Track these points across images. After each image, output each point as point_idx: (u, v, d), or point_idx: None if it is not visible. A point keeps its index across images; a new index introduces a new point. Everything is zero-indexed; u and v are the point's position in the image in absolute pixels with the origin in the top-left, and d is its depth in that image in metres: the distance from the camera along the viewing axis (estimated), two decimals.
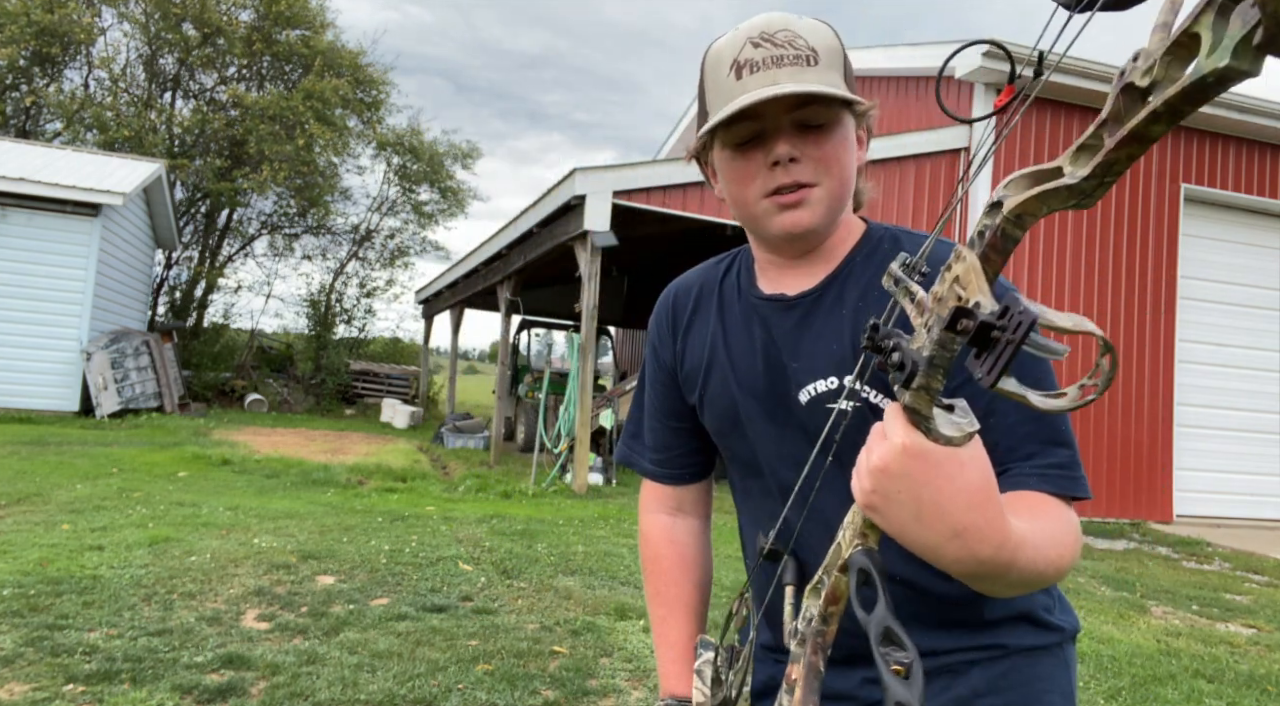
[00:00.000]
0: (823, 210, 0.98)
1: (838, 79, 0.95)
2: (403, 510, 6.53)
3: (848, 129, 0.98)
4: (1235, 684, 3.68)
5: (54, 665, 3.02)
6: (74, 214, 11.99)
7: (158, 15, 18.64)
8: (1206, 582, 5.90)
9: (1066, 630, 1.04)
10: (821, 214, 0.98)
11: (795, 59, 0.93)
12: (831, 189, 0.98)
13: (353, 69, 20.09)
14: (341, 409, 17.78)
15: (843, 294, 1.00)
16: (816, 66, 0.93)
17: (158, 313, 18.17)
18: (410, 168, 22.05)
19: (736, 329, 1.09)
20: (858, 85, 1.02)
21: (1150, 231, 8.93)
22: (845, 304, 0.99)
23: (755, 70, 0.93)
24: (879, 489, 0.63)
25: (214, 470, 8.09)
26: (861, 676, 1.02)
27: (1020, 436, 0.89)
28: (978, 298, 0.52)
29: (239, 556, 4.65)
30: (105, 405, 11.80)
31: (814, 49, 0.94)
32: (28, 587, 3.83)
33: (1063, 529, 0.82)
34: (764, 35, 0.95)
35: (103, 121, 18.13)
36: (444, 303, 16.64)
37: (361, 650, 3.39)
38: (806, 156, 0.96)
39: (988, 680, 0.98)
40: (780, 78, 0.92)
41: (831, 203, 0.99)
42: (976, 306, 0.51)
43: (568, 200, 8.40)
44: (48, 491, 6.20)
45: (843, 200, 1.00)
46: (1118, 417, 8.67)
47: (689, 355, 1.15)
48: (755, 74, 0.93)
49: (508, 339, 11.68)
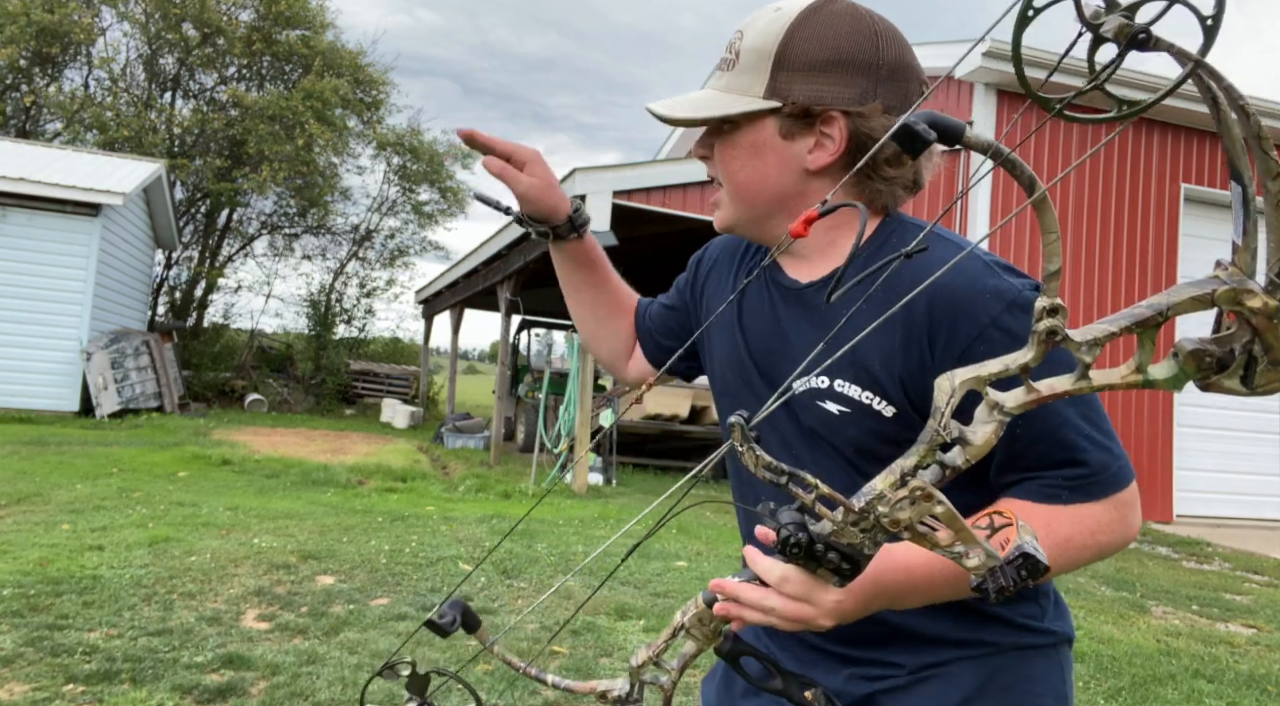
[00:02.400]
0: (731, 212, 1.03)
1: (751, 82, 0.95)
2: (403, 510, 6.52)
3: (754, 133, 0.97)
4: (1235, 684, 3.68)
5: (54, 665, 3.02)
6: (74, 214, 11.99)
7: (158, 15, 18.64)
8: (1206, 582, 5.90)
9: (1059, 634, 1.03)
10: (730, 215, 1.04)
11: (723, 64, 1.00)
12: (730, 192, 1.02)
13: (353, 69, 20.08)
14: (341, 409, 17.77)
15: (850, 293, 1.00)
16: (730, 72, 0.98)
17: (158, 313, 18.17)
18: (410, 168, 22.04)
19: (755, 300, 1.10)
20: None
21: (1150, 231, 8.93)
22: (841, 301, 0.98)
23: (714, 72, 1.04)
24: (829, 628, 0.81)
25: (214, 470, 8.09)
26: (848, 673, 1.02)
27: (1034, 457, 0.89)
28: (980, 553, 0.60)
29: (239, 556, 4.65)
30: (105, 405, 11.80)
31: (739, 52, 0.97)
32: (28, 587, 3.83)
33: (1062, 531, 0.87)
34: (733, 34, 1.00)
35: (102, 122, 18.13)
36: (444, 303, 16.64)
37: (361, 650, 3.39)
38: (715, 156, 1.02)
39: (979, 682, 0.97)
40: (708, 83, 1.01)
41: (737, 206, 1.02)
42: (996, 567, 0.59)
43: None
44: (48, 491, 6.20)
45: (750, 202, 1.01)
46: (1118, 417, 8.67)
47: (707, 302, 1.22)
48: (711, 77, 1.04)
49: (508, 339, 11.67)
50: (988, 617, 0.98)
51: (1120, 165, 8.87)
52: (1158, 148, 8.98)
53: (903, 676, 0.99)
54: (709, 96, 0.98)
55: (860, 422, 0.95)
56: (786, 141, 0.96)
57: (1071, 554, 0.88)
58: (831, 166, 0.97)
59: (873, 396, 0.94)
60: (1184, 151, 9.06)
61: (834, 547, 0.66)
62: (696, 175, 8.73)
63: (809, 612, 0.77)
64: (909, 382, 0.92)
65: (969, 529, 0.59)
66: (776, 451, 1.02)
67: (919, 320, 0.91)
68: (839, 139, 0.95)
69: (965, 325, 0.89)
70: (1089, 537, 0.88)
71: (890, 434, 0.94)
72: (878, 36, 0.96)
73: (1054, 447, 0.88)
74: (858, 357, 0.94)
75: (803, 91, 0.93)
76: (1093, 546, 0.88)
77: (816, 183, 0.98)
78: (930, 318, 0.90)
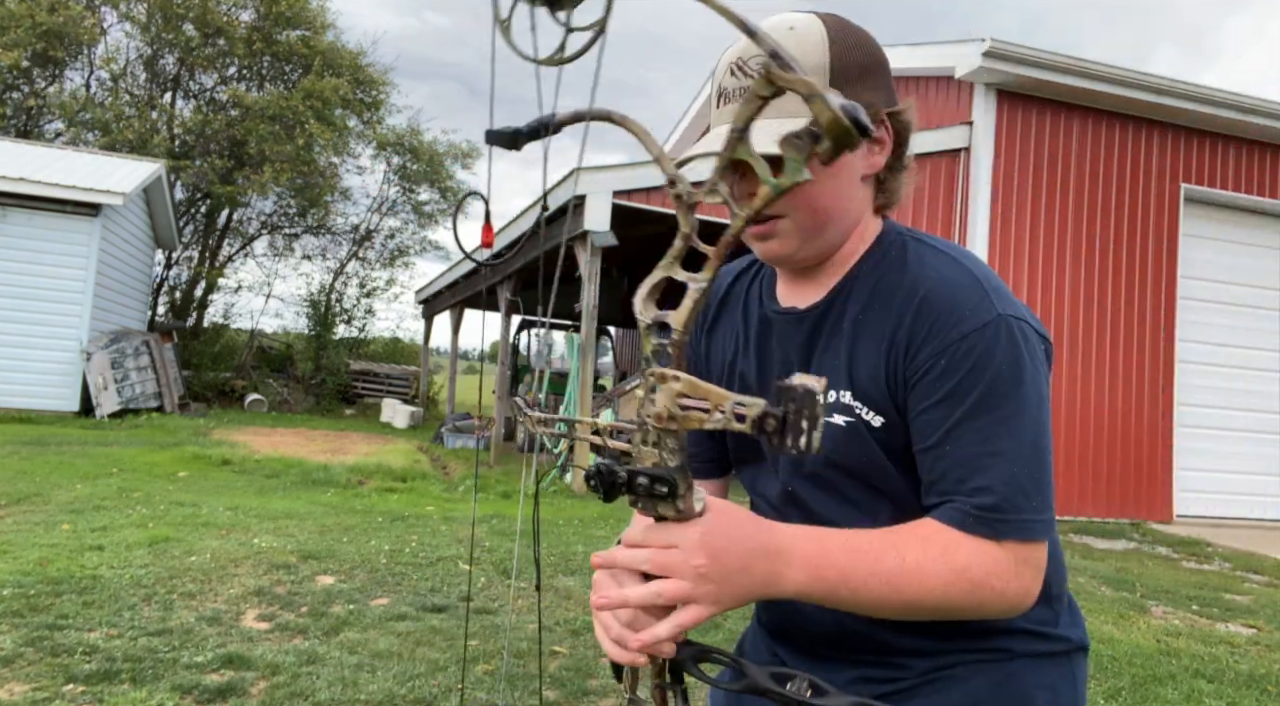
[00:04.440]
0: (794, 241, 0.97)
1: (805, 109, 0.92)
2: (403, 510, 6.52)
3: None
4: (1235, 684, 3.68)
5: (54, 665, 3.02)
6: (74, 214, 11.98)
7: (159, 16, 18.64)
8: (1206, 582, 5.90)
9: (1072, 641, 1.01)
10: (793, 245, 0.98)
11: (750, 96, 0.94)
12: (800, 221, 0.96)
13: (353, 69, 20.08)
14: (341, 409, 17.77)
15: (849, 307, 0.98)
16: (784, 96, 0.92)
17: (158, 313, 18.17)
18: (410, 167, 22.05)
19: (757, 341, 1.08)
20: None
21: (1150, 231, 8.93)
22: (848, 319, 0.98)
23: (727, 102, 0.95)
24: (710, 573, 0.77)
25: (214, 470, 8.09)
26: (853, 675, 1.02)
27: (954, 479, 0.88)
28: (733, 403, 0.63)
29: (239, 556, 4.65)
30: (105, 405, 11.80)
31: None
32: (28, 587, 3.83)
33: (934, 559, 0.85)
34: (740, 62, 0.94)
35: (104, 122, 18.13)
36: (444, 303, 16.64)
37: (361, 650, 3.39)
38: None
39: (987, 687, 0.96)
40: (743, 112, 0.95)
41: (803, 234, 0.97)
42: (770, 406, 0.61)
43: (568, 200, 8.40)
44: (48, 491, 6.20)
45: (819, 228, 0.97)
46: (1118, 417, 8.67)
47: (714, 355, 1.15)
48: (724, 107, 0.95)
49: (508, 339, 11.68)
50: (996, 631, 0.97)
51: (1120, 165, 8.87)
52: (1158, 148, 8.97)
53: (910, 679, 0.98)
54: (783, 125, 0.90)
55: (858, 434, 0.95)
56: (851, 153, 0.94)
57: (965, 586, 0.85)
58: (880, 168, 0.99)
59: (863, 407, 0.94)
60: (1184, 151, 9.06)
61: (640, 472, 0.70)
62: (696, 175, 8.71)
63: (675, 557, 0.76)
64: (894, 389, 0.93)
65: (716, 389, 0.64)
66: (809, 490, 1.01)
67: (903, 326, 0.92)
68: (887, 141, 0.97)
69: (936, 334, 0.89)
70: (984, 576, 0.85)
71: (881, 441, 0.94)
72: (873, 38, 0.98)
73: (974, 473, 0.87)
74: (854, 369, 0.95)
75: (861, 99, 0.92)
76: (986, 587, 0.85)
77: (864, 188, 0.99)
78: (912, 324, 0.91)
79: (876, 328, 0.94)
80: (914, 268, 0.95)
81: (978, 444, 0.86)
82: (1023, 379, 0.87)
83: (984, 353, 0.87)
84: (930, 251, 0.97)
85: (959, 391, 0.87)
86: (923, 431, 0.90)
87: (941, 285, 0.91)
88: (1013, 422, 0.86)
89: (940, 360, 0.88)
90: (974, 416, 0.87)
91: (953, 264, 0.94)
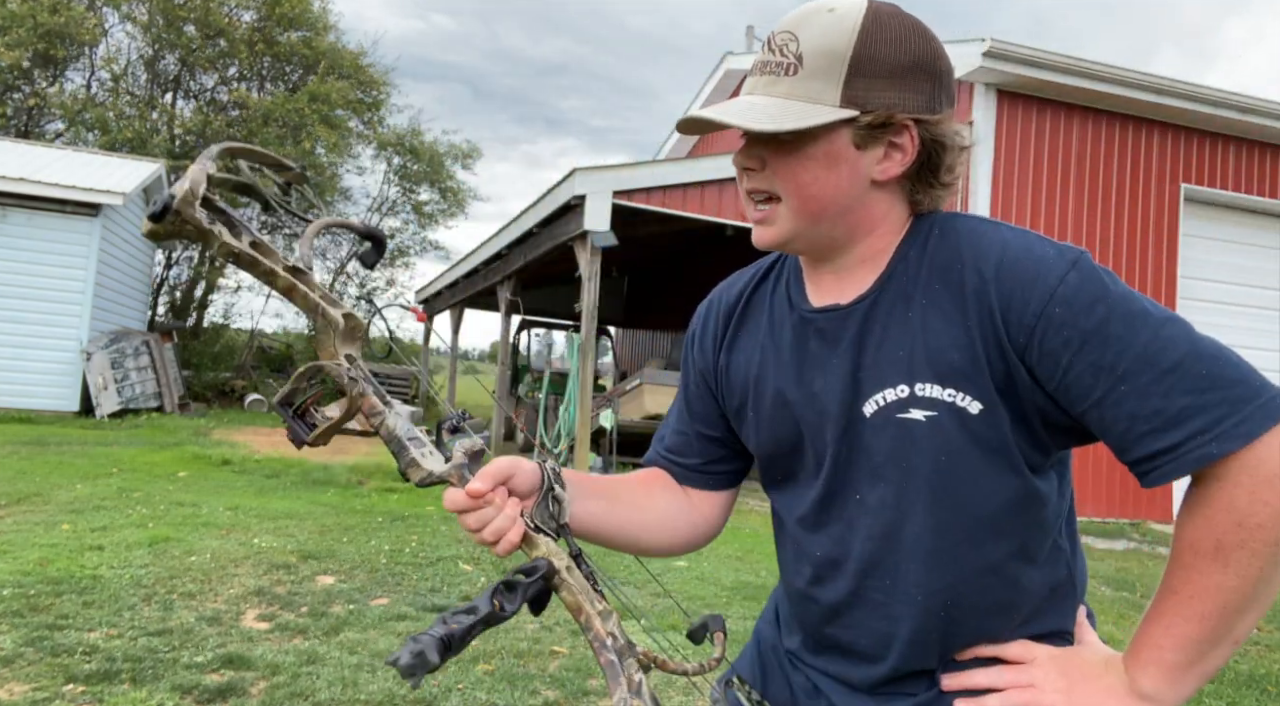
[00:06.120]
0: (789, 227, 0.94)
1: (822, 88, 0.88)
2: (403, 510, 6.52)
3: (828, 144, 0.90)
4: (1235, 684, 3.68)
5: (54, 665, 3.02)
6: (74, 214, 11.99)
7: (160, 17, 18.64)
8: None
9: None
10: (788, 231, 0.95)
11: (776, 67, 0.90)
12: (795, 207, 0.93)
13: (353, 70, 20.09)
14: None
15: (906, 292, 0.93)
16: (792, 77, 0.89)
17: (158, 313, 18.17)
18: (410, 168, 22.07)
19: (792, 347, 1.02)
20: None
21: (1150, 231, 8.93)
22: (912, 304, 0.92)
23: (752, 75, 0.93)
24: None
25: (214, 470, 8.09)
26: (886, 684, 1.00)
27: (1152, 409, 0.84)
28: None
29: (239, 556, 4.65)
30: (105, 405, 11.80)
31: (800, 55, 0.89)
32: (28, 587, 3.83)
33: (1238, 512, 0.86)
34: (771, 36, 0.92)
35: (104, 122, 18.13)
36: (444, 303, 16.65)
37: (361, 650, 3.39)
38: (772, 167, 0.93)
39: None
40: (756, 87, 0.92)
41: (799, 221, 0.94)
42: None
43: (568, 200, 8.40)
44: (48, 491, 6.20)
45: (812, 217, 0.93)
46: None
47: (734, 370, 1.09)
48: (748, 80, 0.94)
49: (508, 339, 11.68)
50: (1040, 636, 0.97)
51: (1120, 165, 8.87)
52: (1158, 148, 8.97)
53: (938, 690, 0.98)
54: (776, 104, 0.89)
55: (946, 427, 0.90)
56: (859, 151, 0.91)
57: (1255, 544, 0.83)
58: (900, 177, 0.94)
59: (956, 392, 0.89)
60: (1184, 151, 9.06)
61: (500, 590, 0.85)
62: (696, 175, 8.73)
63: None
64: (994, 366, 0.88)
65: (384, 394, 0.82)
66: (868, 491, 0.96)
67: (988, 295, 0.88)
68: (909, 150, 0.92)
69: (1038, 289, 0.85)
70: (1252, 500, 0.83)
71: (976, 435, 0.89)
72: (931, 38, 0.92)
73: (1174, 393, 0.84)
74: (932, 354, 0.90)
75: (881, 99, 0.88)
76: (1263, 501, 0.82)
77: (878, 193, 0.94)
78: (999, 290, 0.87)
79: (945, 306, 0.90)
80: (966, 238, 0.92)
81: (1154, 380, 0.83)
82: (1132, 295, 0.86)
83: (1088, 284, 0.85)
84: (965, 221, 0.95)
85: (1097, 335, 0.84)
86: (1082, 386, 0.85)
87: (1007, 248, 0.88)
88: (1164, 334, 0.84)
89: (1054, 308, 0.84)
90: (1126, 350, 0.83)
91: (996, 227, 0.93)
